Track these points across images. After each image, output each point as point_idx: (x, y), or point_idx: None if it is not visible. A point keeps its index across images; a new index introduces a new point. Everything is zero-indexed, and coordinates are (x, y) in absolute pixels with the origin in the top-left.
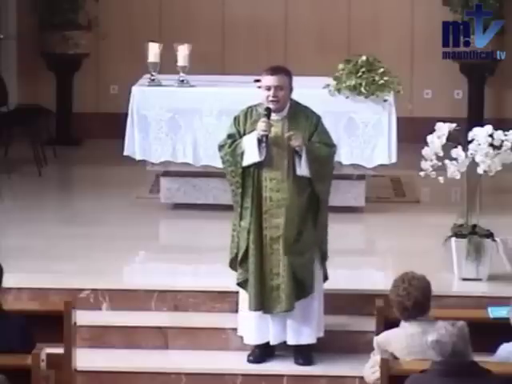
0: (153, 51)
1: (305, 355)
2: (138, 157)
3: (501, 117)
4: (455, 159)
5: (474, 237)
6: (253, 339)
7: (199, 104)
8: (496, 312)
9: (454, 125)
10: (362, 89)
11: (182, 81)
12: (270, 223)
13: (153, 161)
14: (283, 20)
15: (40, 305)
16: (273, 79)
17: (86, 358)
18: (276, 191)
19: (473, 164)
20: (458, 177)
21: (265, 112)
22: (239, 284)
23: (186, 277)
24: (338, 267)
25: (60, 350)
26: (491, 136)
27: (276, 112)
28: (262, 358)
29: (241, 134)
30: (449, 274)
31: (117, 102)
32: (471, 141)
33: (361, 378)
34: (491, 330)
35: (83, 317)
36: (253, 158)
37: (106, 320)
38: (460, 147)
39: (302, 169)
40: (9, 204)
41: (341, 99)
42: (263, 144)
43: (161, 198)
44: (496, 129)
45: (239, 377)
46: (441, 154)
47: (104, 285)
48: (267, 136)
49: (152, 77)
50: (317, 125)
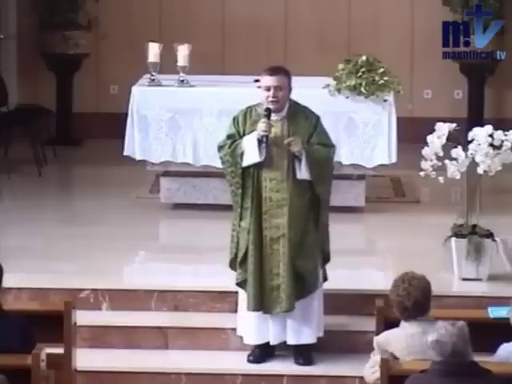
0: (153, 51)
1: (305, 355)
2: (138, 157)
3: (501, 117)
4: (455, 159)
5: (474, 237)
6: (253, 339)
7: (199, 104)
8: (496, 312)
9: (454, 125)
10: (362, 89)
11: (182, 81)
12: (270, 223)
13: (153, 161)
14: (283, 20)
15: (40, 305)
16: (272, 79)
17: (86, 358)
18: (276, 191)
19: (473, 164)
20: (458, 177)
21: (265, 112)
22: (238, 284)
23: (186, 277)
24: (338, 267)
25: (60, 350)
26: (491, 136)
27: (275, 112)
28: (262, 358)
29: (240, 135)
30: (449, 274)
31: (117, 102)
32: (471, 141)
33: (361, 378)
34: (491, 330)
35: (83, 317)
36: (253, 159)
37: (106, 320)
38: (460, 147)
39: (303, 172)
40: (9, 204)
41: (341, 99)
42: (263, 144)
43: (161, 198)
44: (496, 129)
45: (239, 377)
46: (441, 154)
47: (104, 285)
48: (267, 136)
49: (152, 77)
50: (316, 125)
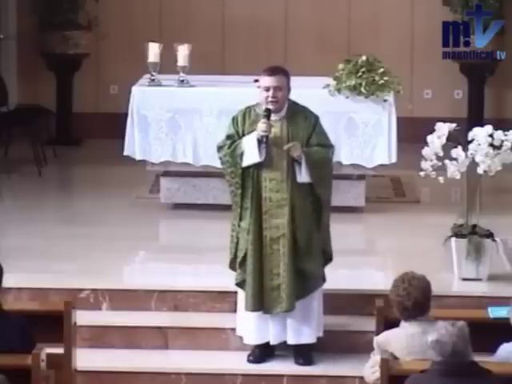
0: (153, 51)
1: (305, 355)
2: (138, 157)
3: (501, 117)
4: (455, 159)
5: (474, 237)
6: (253, 339)
7: (199, 104)
8: (496, 312)
9: (454, 125)
10: (362, 89)
11: (182, 81)
12: (270, 224)
13: (153, 161)
14: (283, 20)
15: (40, 305)
16: (271, 80)
17: (86, 358)
18: (276, 191)
19: (473, 164)
20: (458, 177)
21: (264, 113)
22: (238, 284)
23: (186, 277)
24: (338, 267)
25: (60, 350)
26: (491, 136)
27: (275, 112)
28: (262, 358)
29: (240, 135)
30: (449, 274)
31: (117, 102)
32: (471, 141)
33: (361, 378)
34: (491, 330)
35: (83, 317)
36: (253, 159)
37: (106, 320)
38: (460, 147)
39: (303, 176)
40: (9, 204)
41: (341, 99)
42: (263, 145)
43: (161, 198)
44: (496, 129)
45: (239, 377)
46: (441, 154)
47: (104, 285)
48: (267, 137)
49: (152, 77)
50: (315, 125)
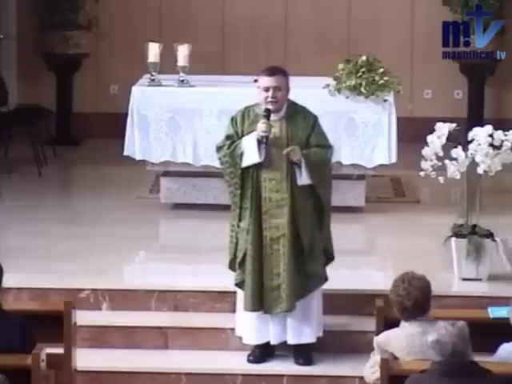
0: (153, 51)
1: (305, 355)
2: (138, 157)
3: (501, 117)
4: (455, 159)
5: (474, 237)
6: (253, 339)
7: (199, 104)
8: (496, 312)
9: (454, 125)
10: (362, 89)
11: (182, 81)
12: (270, 224)
13: (153, 161)
14: (283, 20)
15: (40, 305)
16: (271, 80)
17: (86, 358)
18: (275, 191)
19: (473, 164)
20: (458, 177)
21: (264, 113)
22: (237, 285)
23: (186, 277)
24: (338, 267)
25: (60, 350)
26: (491, 136)
27: (274, 112)
28: (262, 358)
29: (239, 135)
30: (449, 274)
31: (117, 102)
32: (471, 141)
33: (361, 378)
34: (491, 330)
35: (83, 317)
36: (252, 159)
37: (106, 320)
38: (460, 147)
39: (303, 178)
40: (9, 204)
41: (341, 99)
42: (263, 145)
43: (161, 198)
44: (496, 129)
45: (239, 377)
46: (441, 154)
47: (104, 285)
48: (267, 137)
49: (152, 77)
50: (314, 125)
